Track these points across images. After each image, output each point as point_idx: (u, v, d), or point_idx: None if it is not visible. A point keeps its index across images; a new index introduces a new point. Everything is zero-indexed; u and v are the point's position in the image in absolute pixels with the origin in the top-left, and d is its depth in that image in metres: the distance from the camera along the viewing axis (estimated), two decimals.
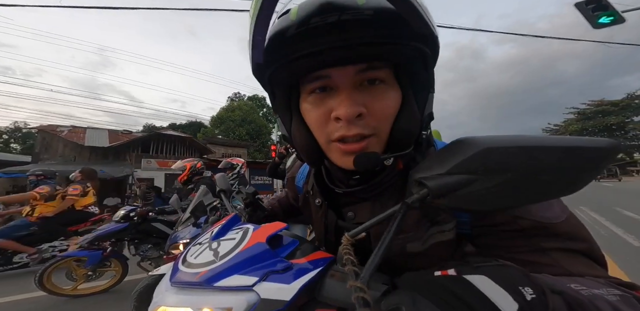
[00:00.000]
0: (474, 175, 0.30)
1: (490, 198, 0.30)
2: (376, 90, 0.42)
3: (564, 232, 0.39)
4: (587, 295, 0.28)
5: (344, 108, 0.39)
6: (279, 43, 0.40)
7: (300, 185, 0.71)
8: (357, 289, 0.26)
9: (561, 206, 0.42)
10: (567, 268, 0.36)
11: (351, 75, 0.41)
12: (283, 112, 0.49)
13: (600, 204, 8.59)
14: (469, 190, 0.30)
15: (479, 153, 0.30)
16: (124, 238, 3.06)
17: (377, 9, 0.37)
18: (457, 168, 0.30)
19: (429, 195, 0.31)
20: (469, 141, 0.32)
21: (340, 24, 0.37)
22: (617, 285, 0.33)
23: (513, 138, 0.30)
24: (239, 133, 27.12)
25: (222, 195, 0.85)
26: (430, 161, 0.34)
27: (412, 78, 0.43)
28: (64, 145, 13.12)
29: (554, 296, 0.25)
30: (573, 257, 0.38)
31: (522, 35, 9.73)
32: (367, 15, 0.37)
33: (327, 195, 0.58)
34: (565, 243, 0.38)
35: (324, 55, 0.39)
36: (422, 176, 0.32)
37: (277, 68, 0.42)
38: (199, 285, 0.40)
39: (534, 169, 0.29)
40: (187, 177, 3.43)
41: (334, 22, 0.37)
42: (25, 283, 3.07)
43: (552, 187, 0.31)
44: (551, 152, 0.29)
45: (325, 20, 0.37)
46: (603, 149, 0.30)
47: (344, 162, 0.44)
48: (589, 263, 0.38)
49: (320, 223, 0.59)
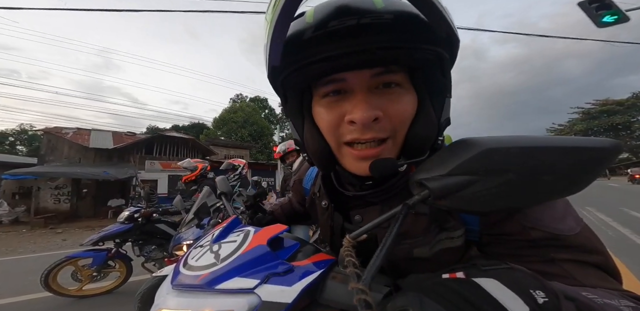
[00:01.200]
0: (475, 176, 0.29)
1: (491, 199, 0.30)
2: (392, 94, 0.41)
3: (577, 245, 0.38)
4: (600, 303, 0.27)
5: (359, 112, 0.39)
6: (295, 46, 0.39)
7: (307, 187, 0.71)
8: (359, 291, 0.26)
9: (575, 218, 0.41)
10: (580, 280, 0.35)
11: (367, 79, 0.40)
12: (295, 116, 0.48)
13: (606, 204, 8.50)
14: (470, 191, 0.30)
15: (480, 154, 0.29)
16: (128, 239, 3.08)
17: (396, 13, 0.36)
18: (458, 169, 0.30)
19: (430, 196, 0.31)
20: (470, 142, 0.31)
21: (359, 28, 0.36)
22: (630, 297, 0.32)
23: (514, 138, 0.30)
24: (241, 134, 27.25)
25: (223, 198, 0.86)
26: (431, 162, 0.34)
27: (429, 83, 0.42)
28: (69, 147, 13.24)
29: (567, 302, 0.24)
30: (586, 269, 0.37)
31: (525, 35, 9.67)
32: (386, 19, 0.36)
33: (333, 198, 0.57)
34: (578, 255, 0.37)
35: (341, 59, 0.38)
36: (423, 177, 0.32)
37: (293, 71, 0.42)
38: (200, 287, 0.40)
39: (536, 170, 0.29)
40: (196, 177, 3.45)
41: (353, 25, 0.36)
42: (31, 283, 3.11)
43: (553, 187, 0.30)
44: (552, 153, 0.29)
45: (344, 24, 0.36)
46: (604, 149, 0.29)
47: (357, 168, 0.43)
48: (602, 276, 0.37)
49: (327, 226, 0.59)
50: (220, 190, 0.87)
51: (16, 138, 39.43)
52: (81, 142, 13.04)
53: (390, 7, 0.36)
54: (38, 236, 8.10)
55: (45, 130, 13.77)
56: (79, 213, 12.40)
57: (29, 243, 7.05)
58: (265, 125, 29.93)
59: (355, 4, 0.37)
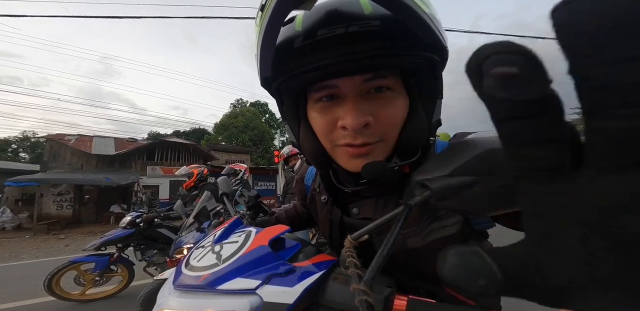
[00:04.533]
0: (477, 176, 0.29)
1: (493, 200, 0.30)
2: (383, 98, 0.42)
3: None
4: None
5: (350, 118, 0.39)
6: (285, 55, 0.40)
7: (309, 183, 0.73)
8: (360, 292, 0.25)
9: None
10: None
11: (358, 84, 0.41)
12: (291, 119, 0.50)
13: None
14: (472, 192, 0.30)
15: (481, 155, 0.29)
16: (130, 243, 3.08)
17: (384, 19, 0.37)
18: (460, 170, 0.30)
19: (432, 197, 0.31)
20: (472, 142, 0.31)
21: (347, 37, 0.37)
22: None
23: None
24: (242, 139, 27.27)
25: (224, 198, 0.85)
26: (432, 163, 0.34)
27: (420, 86, 0.43)
28: (72, 154, 13.29)
29: None
30: None
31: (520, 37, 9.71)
32: (374, 26, 0.36)
33: (332, 192, 0.59)
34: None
35: (331, 67, 0.39)
36: (425, 178, 0.32)
37: (285, 79, 0.43)
38: (201, 288, 0.40)
39: None
40: (194, 183, 3.44)
41: (341, 34, 0.37)
42: (35, 288, 3.11)
43: None
44: None
45: (333, 33, 0.37)
46: None
47: (351, 165, 0.45)
48: None
49: (326, 220, 0.60)
50: (222, 190, 0.86)
51: (19, 146, 39.68)
52: (83, 149, 13.11)
53: (378, 12, 0.37)
54: (41, 242, 8.09)
55: (48, 137, 13.88)
56: (81, 219, 12.39)
57: (32, 249, 7.04)
58: (265, 129, 29.97)
59: (343, 10, 0.37)
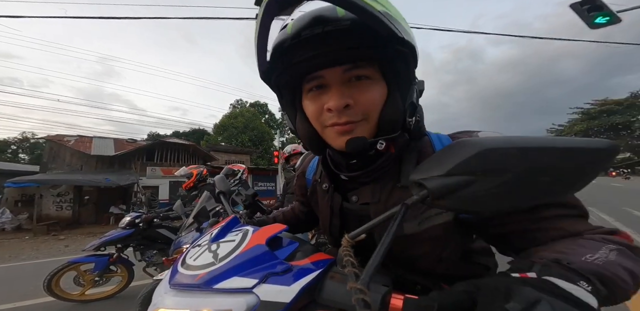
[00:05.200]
0: (473, 176, 0.30)
1: (490, 199, 0.30)
2: (362, 85, 0.49)
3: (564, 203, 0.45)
4: (603, 263, 0.33)
5: (333, 101, 0.47)
6: (279, 53, 0.49)
7: (310, 177, 0.78)
8: (357, 291, 0.26)
9: None
10: (568, 229, 0.43)
11: (339, 74, 0.48)
12: (289, 109, 0.57)
13: (609, 204, 8.44)
14: (468, 191, 0.30)
15: (477, 155, 0.30)
16: (130, 244, 3.08)
17: (353, 19, 0.44)
18: (456, 169, 0.30)
19: (429, 196, 0.31)
20: (468, 142, 0.32)
21: (324, 34, 0.45)
22: (608, 238, 0.39)
23: (512, 139, 0.31)
24: (241, 140, 27.23)
25: (221, 197, 0.84)
26: (430, 163, 0.34)
27: (395, 74, 0.50)
28: (71, 155, 13.25)
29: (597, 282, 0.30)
30: (571, 219, 0.45)
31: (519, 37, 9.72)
32: (345, 25, 0.44)
33: (333, 180, 0.65)
34: (564, 211, 0.45)
35: (316, 60, 0.47)
36: (422, 177, 0.32)
37: (280, 73, 0.51)
38: (198, 287, 0.40)
39: (533, 170, 0.29)
40: (193, 183, 3.44)
41: (320, 33, 0.45)
42: (34, 288, 3.11)
43: (551, 187, 0.31)
44: (550, 153, 0.29)
45: (313, 32, 0.45)
46: (602, 150, 0.30)
47: (338, 142, 0.51)
48: (583, 222, 0.45)
49: (326, 207, 0.65)
50: (219, 189, 0.86)
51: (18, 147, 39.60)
52: (83, 150, 13.08)
53: (349, 14, 0.44)
54: (40, 243, 8.08)
55: (47, 138, 13.84)
56: (81, 220, 12.35)
57: (32, 250, 7.03)
58: (265, 130, 29.91)
59: (322, 15, 0.45)
